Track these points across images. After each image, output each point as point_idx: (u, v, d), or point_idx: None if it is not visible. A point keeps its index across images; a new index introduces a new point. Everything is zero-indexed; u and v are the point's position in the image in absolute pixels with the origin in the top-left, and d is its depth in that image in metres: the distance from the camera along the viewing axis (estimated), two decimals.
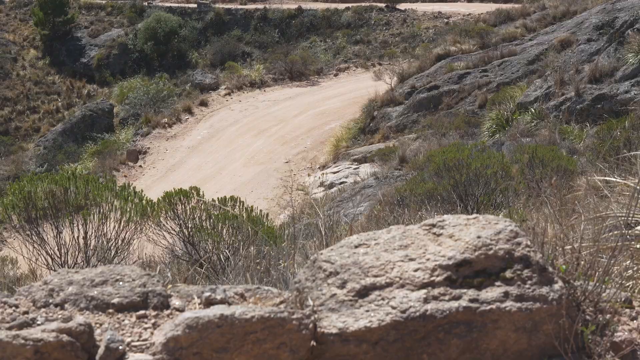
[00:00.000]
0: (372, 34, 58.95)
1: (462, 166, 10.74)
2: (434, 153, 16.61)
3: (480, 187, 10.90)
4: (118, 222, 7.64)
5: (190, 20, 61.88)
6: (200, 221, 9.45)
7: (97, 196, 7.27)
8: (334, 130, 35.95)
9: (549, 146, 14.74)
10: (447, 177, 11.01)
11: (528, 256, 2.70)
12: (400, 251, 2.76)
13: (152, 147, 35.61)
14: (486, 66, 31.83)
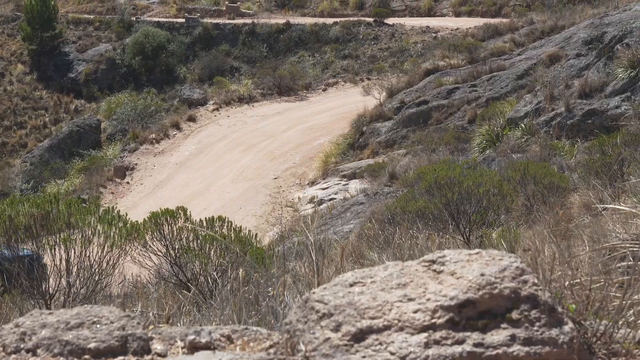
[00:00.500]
0: (361, 48, 58.91)
1: (454, 184, 10.56)
2: (425, 170, 16.45)
3: (473, 206, 10.73)
4: (102, 247, 7.42)
5: (179, 35, 61.75)
6: (187, 242, 9.24)
7: (79, 220, 7.06)
8: (323, 145, 35.80)
9: (541, 163, 14.60)
10: (438, 196, 10.83)
11: (536, 295, 2.52)
12: (398, 290, 2.57)
13: (139, 163, 35.38)
14: (475, 81, 31.75)
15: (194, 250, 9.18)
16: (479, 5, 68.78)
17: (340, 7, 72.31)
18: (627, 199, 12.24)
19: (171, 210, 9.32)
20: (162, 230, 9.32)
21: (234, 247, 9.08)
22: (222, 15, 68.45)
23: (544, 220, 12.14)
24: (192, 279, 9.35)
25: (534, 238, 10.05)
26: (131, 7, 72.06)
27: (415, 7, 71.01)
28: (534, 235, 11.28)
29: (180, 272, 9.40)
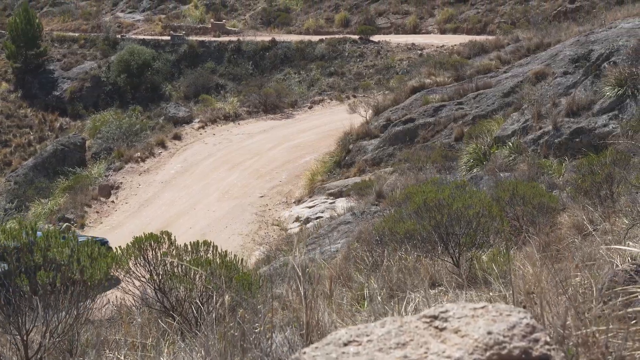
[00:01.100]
0: (346, 65, 58.93)
1: (443, 206, 10.37)
2: (413, 190, 16.27)
3: (462, 228, 10.54)
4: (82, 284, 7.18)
5: (164, 52, 61.69)
6: (172, 267, 9.01)
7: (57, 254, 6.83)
8: (309, 163, 35.63)
9: (530, 183, 14.44)
10: (427, 218, 10.64)
11: (548, 356, 2.32)
12: (397, 350, 2.36)
13: (124, 182, 35.11)
14: (461, 99, 31.66)
15: (179, 275, 8.96)
16: (464, 22, 68.99)
17: (325, 25, 72.40)
18: (618, 220, 12.10)
19: (155, 235, 9.09)
20: (145, 255, 9.08)
21: (219, 272, 8.86)
22: (208, 32, 68.44)
23: (534, 242, 11.99)
24: (177, 305, 9.12)
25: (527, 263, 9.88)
26: (116, 25, 72.03)
27: (400, 25, 71.14)
28: (525, 257, 11.11)
29: (164, 298, 9.16)
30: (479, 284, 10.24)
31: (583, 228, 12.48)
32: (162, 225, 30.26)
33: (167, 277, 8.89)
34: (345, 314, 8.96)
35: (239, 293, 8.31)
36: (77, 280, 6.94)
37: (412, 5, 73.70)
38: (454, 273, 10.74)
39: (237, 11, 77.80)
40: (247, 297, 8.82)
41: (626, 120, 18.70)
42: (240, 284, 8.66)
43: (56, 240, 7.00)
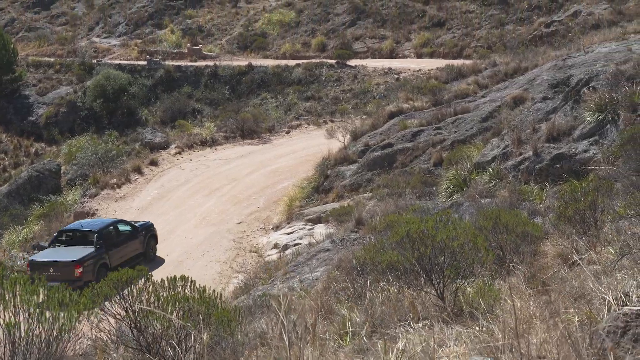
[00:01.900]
0: (323, 90, 58.91)
1: (427, 237, 10.15)
2: (393, 219, 16.05)
3: (447, 259, 10.32)
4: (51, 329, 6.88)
5: (140, 77, 61.51)
6: (148, 304, 8.72)
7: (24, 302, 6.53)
8: (287, 189, 35.43)
9: (513, 211, 14.25)
10: (410, 249, 10.41)
11: None
12: None
13: (100, 209, 34.72)
14: (440, 123, 31.57)
15: (155, 312, 8.67)
16: (441, 46, 69.26)
17: (302, 49, 72.46)
18: (603, 249, 11.92)
19: (131, 271, 8.79)
20: (121, 292, 8.80)
21: (197, 309, 8.59)
22: (184, 57, 68.33)
23: (519, 272, 11.78)
24: (153, 343, 8.83)
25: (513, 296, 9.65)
26: (92, 50, 71.80)
27: (377, 49, 71.30)
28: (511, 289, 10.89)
29: (140, 336, 8.86)
30: (465, 317, 10.01)
31: (568, 257, 12.30)
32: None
33: (143, 314, 8.59)
34: (327, 350, 8.70)
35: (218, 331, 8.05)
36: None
37: (389, 30, 73.91)
38: (438, 305, 10.51)
39: (214, 36, 77.70)
40: (226, 334, 8.55)
41: (607, 145, 18.60)
42: (220, 321, 8.39)
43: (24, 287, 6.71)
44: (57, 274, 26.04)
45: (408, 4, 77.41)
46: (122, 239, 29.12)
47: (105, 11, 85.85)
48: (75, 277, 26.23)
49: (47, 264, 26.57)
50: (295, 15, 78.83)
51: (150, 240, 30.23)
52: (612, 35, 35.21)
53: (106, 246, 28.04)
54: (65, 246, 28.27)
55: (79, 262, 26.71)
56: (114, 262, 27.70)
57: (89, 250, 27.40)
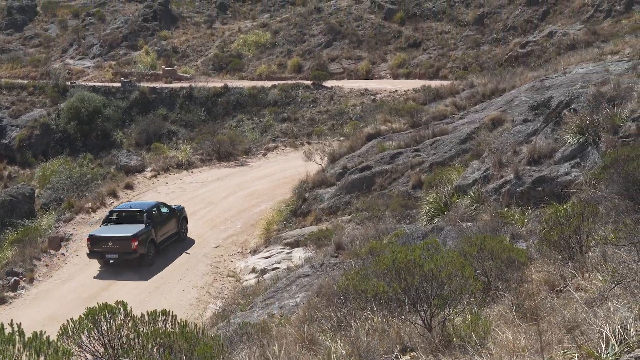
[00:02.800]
0: (300, 111, 58.79)
1: (415, 266, 9.90)
2: (376, 245, 15.80)
3: (434, 289, 10.07)
4: None
5: (115, 99, 61.19)
6: (128, 339, 8.39)
7: None
8: (265, 212, 35.17)
9: (497, 237, 14.04)
10: (397, 279, 10.15)
11: None
12: None
13: (75, 234, 34.23)
14: (418, 145, 31.44)
15: (135, 348, 8.34)
16: (417, 67, 69.47)
17: (278, 70, 72.43)
18: (591, 275, 11.72)
19: (110, 305, 8.47)
20: (99, 327, 8.46)
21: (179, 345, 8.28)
22: (159, 79, 68.07)
23: (506, 300, 11.55)
24: None
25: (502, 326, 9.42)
26: (66, 72, 71.38)
27: (353, 70, 71.38)
28: (499, 318, 10.66)
29: None
30: (453, 348, 9.76)
31: (555, 284, 12.09)
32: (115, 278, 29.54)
33: (123, 351, 8.26)
34: None
35: None
36: None
37: (365, 51, 74.05)
38: (425, 336, 10.25)
39: (189, 57, 77.53)
40: None
41: (588, 168, 18.48)
42: (202, 358, 8.08)
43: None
44: (115, 247, 30.26)
45: (384, 25, 77.63)
46: (163, 219, 32.55)
47: (79, 33, 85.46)
48: (132, 249, 30.14)
49: (107, 239, 30.36)
50: (270, 36, 78.86)
51: (182, 221, 33.86)
52: (589, 56, 35.33)
53: (153, 224, 31.49)
54: (117, 224, 31.61)
55: (135, 236, 30.19)
56: (158, 239, 31.69)
57: (141, 227, 30.81)
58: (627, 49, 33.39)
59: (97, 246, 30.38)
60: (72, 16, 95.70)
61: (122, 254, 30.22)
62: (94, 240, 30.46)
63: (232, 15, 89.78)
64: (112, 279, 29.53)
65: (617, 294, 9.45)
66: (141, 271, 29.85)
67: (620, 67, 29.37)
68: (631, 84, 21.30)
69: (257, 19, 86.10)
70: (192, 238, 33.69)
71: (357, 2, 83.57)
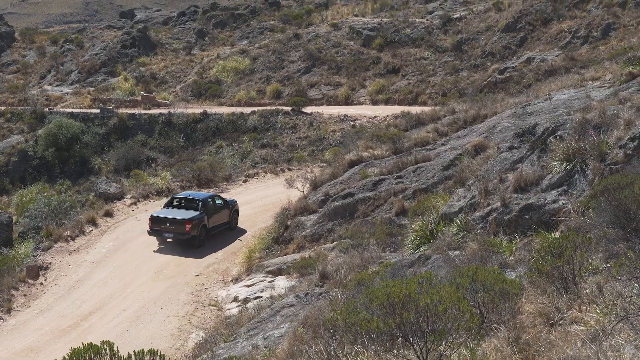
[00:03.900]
0: (279, 137, 58.73)
1: (410, 301, 9.63)
2: (364, 276, 15.52)
3: (430, 324, 9.80)
4: None
5: (93, 125, 60.96)
6: None
7: None
8: (246, 239, 34.86)
9: (489, 268, 13.82)
10: (392, 314, 9.87)
11: None
12: None
13: (53, 263, 33.69)
14: (401, 172, 31.26)
15: None
16: (396, 93, 69.59)
17: (257, 97, 72.40)
18: (588, 308, 11.50)
19: (95, 346, 8.15)
20: None
21: None
22: (138, 105, 67.87)
23: (500, 332, 11.30)
24: None
25: None
26: (44, 98, 71.09)
27: (332, 96, 71.43)
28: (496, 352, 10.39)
29: None
30: None
31: (550, 316, 11.85)
32: (94, 307, 29.02)
33: None
34: None
35: None
36: None
37: (344, 77, 74.15)
38: None
39: (168, 83, 77.40)
40: None
41: (576, 196, 18.31)
42: None
43: None
44: (172, 228, 34.69)
45: (362, 51, 77.84)
46: (217, 209, 36.93)
47: (58, 59, 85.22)
48: (185, 231, 34.54)
49: (165, 220, 34.85)
50: (249, 63, 78.87)
51: (234, 213, 38.15)
52: (569, 82, 35.35)
53: (206, 212, 35.84)
54: (176, 209, 36.09)
55: (189, 220, 34.60)
56: (210, 225, 36.08)
57: (195, 213, 35.30)
58: (608, 75, 33.40)
59: (156, 225, 34.86)
60: (50, 43, 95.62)
61: (176, 234, 34.69)
62: (154, 220, 34.94)
63: (210, 41, 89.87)
64: (91, 309, 29.00)
65: (619, 329, 9.23)
66: (120, 302, 29.36)
67: (601, 93, 29.38)
68: (616, 110, 21.21)
69: (235, 46, 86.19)
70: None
71: (335, 29, 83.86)
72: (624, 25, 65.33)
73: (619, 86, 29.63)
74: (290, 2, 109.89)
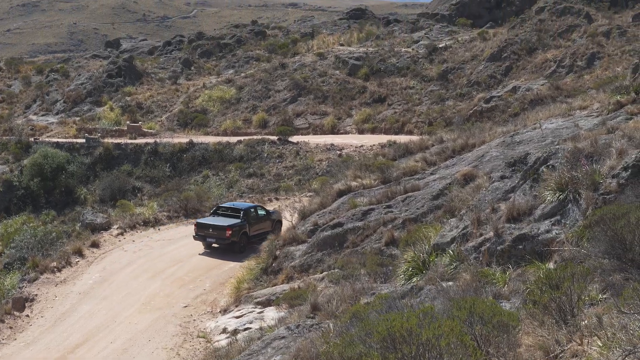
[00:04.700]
0: (266, 167, 58.62)
1: (411, 335, 9.47)
2: (359, 309, 15.34)
3: (432, 359, 9.64)
4: None
5: (79, 155, 60.74)
6: None
7: None
8: (234, 270, 34.67)
9: (487, 299, 13.67)
10: (392, 349, 9.71)
11: None
12: None
13: (40, 294, 33.32)
14: (390, 202, 31.10)
15: None
16: (382, 122, 69.72)
17: (243, 126, 72.41)
18: (590, 341, 11.36)
19: None
20: None
21: None
22: (124, 135, 67.71)
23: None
24: None
25: None
26: (29, 128, 70.84)
27: (318, 125, 71.51)
28: None
29: None
30: None
31: (550, 349, 11.71)
32: (81, 340, 28.65)
33: None
34: None
35: None
36: None
37: (330, 106, 74.28)
38: None
39: (154, 113, 77.30)
40: None
41: (569, 225, 18.20)
42: None
43: None
44: (214, 233, 38.13)
45: (348, 80, 78.02)
46: (259, 218, 40.24)
47: (43, 89, 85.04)
48: (226, 237, 37.92)
49: (209, 226, 38.36)
50: (235, 92, 78.92)
51: (277, 223, 40.82)
52: (557, 111, 35.42)
53: (248, 220, 39.19)
54: (221, 217, 39.65)
55: (230, 227, 38.05)
56: (251, 233, 39.29)
57: (237, 221, 38.70)
58: (596, 105, 33.50)
59: (200, 231, 38.41)
60: (35, 72, 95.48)
61: (218, 239, 38.07)
62: (199, 226, 38.65)
63: (196, 71, 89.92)
64: (78, 342, 28.62)
65: None
66: (108, 334, 29.00)
67: (589, 123, 29.44)
68: (608, 140, 21.19)
69: (221, 75, 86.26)
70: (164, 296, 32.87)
71: (321, 58, 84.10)
72: (608, 54, 65.83)
73: (606, 115, 29.70)
74: (276, 32, 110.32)
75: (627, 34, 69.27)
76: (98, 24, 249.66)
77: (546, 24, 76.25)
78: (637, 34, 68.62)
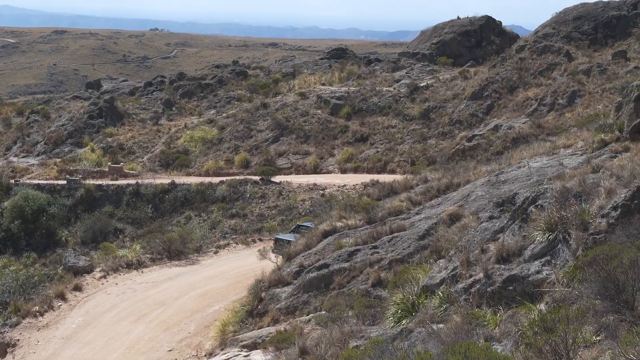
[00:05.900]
0: (248, 207, 58.47)
1: None
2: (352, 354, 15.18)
3: None
4: None
5: (60, 197, 60.45)
6: None
7: None
8: (219, 312, 34.29)
9: (480, 343, 13.52)
10: None
11: None
12: None
13: (22, 339, 32.88)
14: (376, 242, 30.93)
15: None
16: (364, 161, 69.78)
17: (225, 166, 72.31)
18: None
19: None
20: None
21: None
22: (105, 176, 67.46)
23: None
24: None
25: None
26: (10, 170, 70.43)
27: (301, 164, 71.52)
28: None
29: None
30: None
31: None
32: None
33: None
34: None
35: None
36: None
37: (312, 145, 74.37)
38: None
39: (135, 154, 77.09)
40: None
41: (559, 266, 18.10)
42: None
43: None
44: None
45: (330, 120, 78.20)
46: None
47: (24, 130, 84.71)
48: None
49: (286, 242, 39.81)
50: (217, 132, 78.93)
51: None
52: (541, 149, 35.48)
53: None
54: (298, 233, 40.49)
55: None
56: None
57: None
58: (580, 143, 33.58)
59: (278, 246, 40.37)
60: (16, 114, 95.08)
61: None
62: (277, 242, 41.79)
63: (178, 111, 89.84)
64: None
65: None
66: None
67: (574, 161, 29.47)
68: (596, 179, 21.17)
69: (203, 115, 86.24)
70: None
71: (303, 98, 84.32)
72: (589, 92, 66.28)
73: (591, 153, 29.71)
74: (257, 72, 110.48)
75: (607, 72, 69.80)
76: (78, 64, 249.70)
77: (527, 63, 76.78)
78: (617, 71, 69.15)
